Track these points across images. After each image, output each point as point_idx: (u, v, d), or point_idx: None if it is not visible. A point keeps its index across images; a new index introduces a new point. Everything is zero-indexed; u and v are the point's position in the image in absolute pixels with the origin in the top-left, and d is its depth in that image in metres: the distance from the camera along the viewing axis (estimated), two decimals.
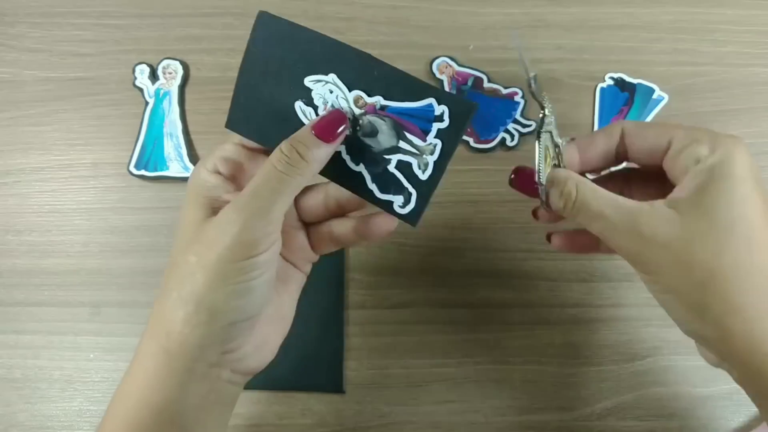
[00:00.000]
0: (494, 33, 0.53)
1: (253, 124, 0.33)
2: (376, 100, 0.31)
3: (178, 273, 0.30)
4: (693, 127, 0.32)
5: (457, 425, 0.46)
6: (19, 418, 0.46)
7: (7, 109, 0.52)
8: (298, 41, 0.32)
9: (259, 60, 0.33)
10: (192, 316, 0.29)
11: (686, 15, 0.54)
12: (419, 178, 0.31)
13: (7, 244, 0.49)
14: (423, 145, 0.31)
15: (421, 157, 0.31)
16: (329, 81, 0.31)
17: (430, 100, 0.30)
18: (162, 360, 0.29)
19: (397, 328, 0.47)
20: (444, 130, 0.30)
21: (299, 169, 0.29)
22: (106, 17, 0.53)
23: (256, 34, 0.33)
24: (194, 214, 0.31)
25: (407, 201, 0.31)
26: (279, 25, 0.32)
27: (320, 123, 0.30)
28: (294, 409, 0.46)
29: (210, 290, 0.29)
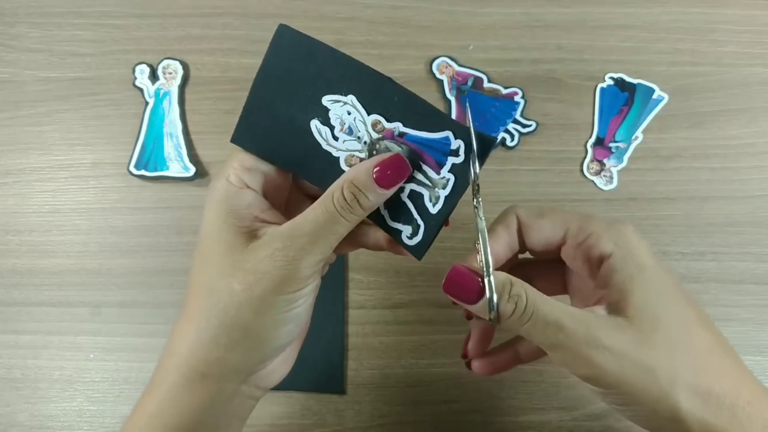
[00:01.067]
0: (494, 33, 0.53)
1: (262, 139, 0.32)
2: (395, 126, 0.30)
3: (219, 300, 0.29)
4: (584, 217, 0.32)
5: (457, 425, 0.46)
6: (19, 418, 0.46)
7: (7, 109, 0.52)
8: (318, 58, 0.31)
9: (275, 74, 0.31)
10: (237, 344, 0.29)
11: (686, 15, 0.54)
12: (429, 211, 0.31)
13: (7, 244, 0.49)
14: (436, 178, 0.30)
15: (433, 190, 0.31)
16: (348, 102, 0.31)
17: (448, 132, 0.30)
18: (196, 383, 0.29)
19: (397, 328, 0.47)
20: (458, 165, 0.30)
21: (356, 214, 0.29)
22: (106, 17, 0.53)
23: (274, 48, 0.31)
24: (231, 237, 0.29)
25: (415, 233, 0.31)
26: (299, 40, 0.31)
27: (382, 169, 0.29)
28: (294, 409, 0.46)
29: (257, 320, 0.29)
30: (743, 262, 0.49)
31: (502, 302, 0.28)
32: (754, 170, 0.51)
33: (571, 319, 0.28)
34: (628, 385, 0.28)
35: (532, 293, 0.29)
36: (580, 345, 0.28)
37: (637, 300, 0.29)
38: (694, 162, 0.51)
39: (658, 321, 0.29)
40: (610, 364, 0.28)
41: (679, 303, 0.30)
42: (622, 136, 0.51)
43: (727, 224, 0.49)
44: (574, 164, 0.51)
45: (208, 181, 0.50)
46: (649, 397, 0.28)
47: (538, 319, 0.28)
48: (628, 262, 0.30)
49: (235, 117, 0.51)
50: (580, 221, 0.32)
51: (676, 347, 0.28)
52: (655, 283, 0.29)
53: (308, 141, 0.31)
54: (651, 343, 0.28)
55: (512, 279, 0.29)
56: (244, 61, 0.52)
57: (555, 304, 0.29)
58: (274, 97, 0.31)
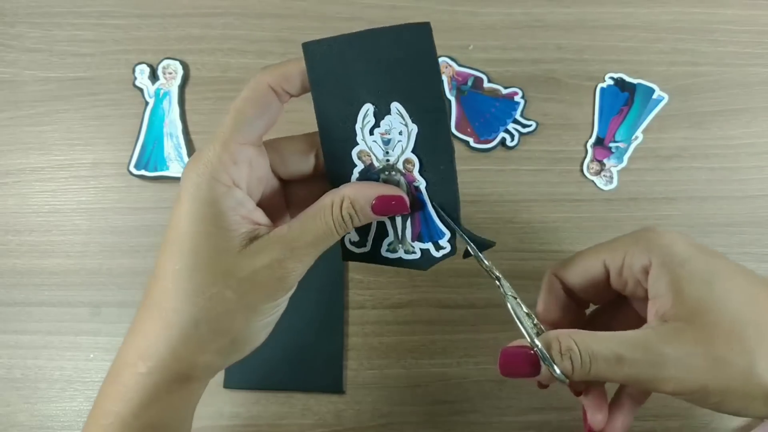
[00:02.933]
0: (494, 33, 0.53)
1: (321, 69, 0.30)
2: (420, 179, 0.31)
3: (210, 308, 0.28)
4: (612, 242, 0.32)
5: (457, 425, 0.46)
6: (19, 418, 0.46)
7: (7, 109, 0.52)
8: (426, 80, 0.29)
9: (384, 47, 0.29)
10: (226, 348, 0.30)
11: (686, 15, 0.54)
12: (381, 250, 0.33)
13: (7, 244, 0.49)
14: (408, 240, 0.32)
15: (398, 243, 0.32)
16: (406, 127, 0.30)
17: (448, 232, 0.31)
18: (178, 383, 0.29)
19: (397, 328, 0.47)
20: (430, 254, 0.32)
21: (347, 230, 0.30)
22: (106, 17, 0.53)
23: (404, 32, 0.29)
24: (222, 242, 0.28)
25: (359, 245, 0.33)
26: (429, 49, 0.29)
27: (383, 201, 0.29)
28: (294, 410, 0.46)
29: (247, 328, 0.29)
30: (743, 262, 0.48)
31: (558, 360, 0.28)
32: (754, 170, 0.51)
33: (629, 347, 0.28)
34: (709, 384, 0.27)
35: (582, 338, 0.28)
36: (646, 369, 0.28)
37: (687, 298, 0.28)
38: (694, 162, 0.51)
39: (715, 310, 0.28)
40: (683, 371, 0.27)
41: (736, 282, 0.29)
42: (622, 136, 0.51)
43: (727, 224, 0.49)
44: (574, 164, 0.51)
45: None
46: (735, 387, 0.27)
47: (599, 360, 0.28)
48: (667, 264, 0.29)
49: None
50: (609, 248, 0.32)
51: (744, 329, 0.28)
52: (703, 272, 0.29)
53: (350, 110, 0.31)
54: (714, 336, 0.27)
55: (558, 334, 0.29)
56: (244, 61, 0.52)
57: (609, 338, 0.28)
58: (362, 58, 0.30)
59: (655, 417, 0.46)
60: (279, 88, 0.30)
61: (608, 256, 0.32)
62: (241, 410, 0.46)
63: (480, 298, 0.48)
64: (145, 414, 0.29)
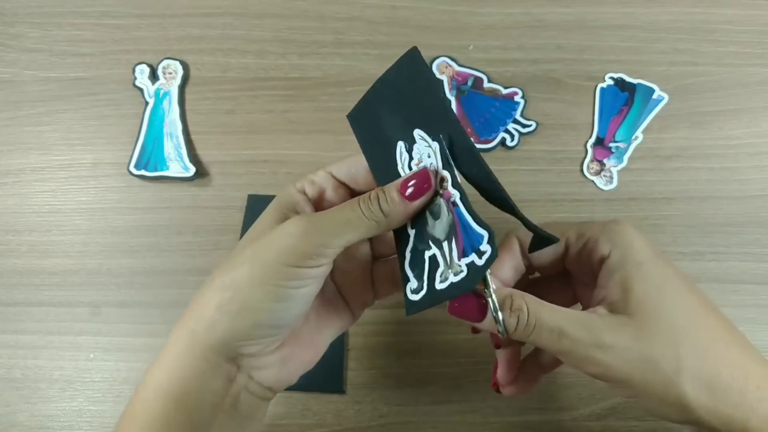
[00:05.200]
0: (494, 33, 0.53)
1: (363, 130, 0.34)
2: (454, 193, 0.31)
3: (229, 262, 0.31)
4: (581, 224, 0.33)
5: (457, 425, 0.46)
6: (18, 418, 0.46)
7: (7, 109, 0.52)
8: (429, 94, 0.32)
9: (393, 86, 0.33)
10: (225, 304, 0.29)
11: (686, 15, 0.54)
12: (434, 284, 0.31)
13: (7, 244, 0.49)
14: (455, 261, 0.31)
15: (447, 269, 0.31)
16: (431, 147, 0.31)
17: (485, 233, 0.30)
18: (186, 341, 0.30)
19: (397, 328, 0.47)
20: (475, 265, 0.30)
21: (374, 214, 0.30)
22: (106, 17, 0.53)
23: (401, 64, 0.33)
24: (269, 219, 0.32)
25: (417, 291, 0.32)
26: (422, 70, 0.32)
27: (407, 184, 0.31)
28: (294, 409, 0.46)
29: (250, 284, 0.29)
30: (743, 262, 0.49)
31: (506, 316, 0.30)
32: (754, 170, 0.51)
33: (574, 324, 0.29)
34: (634, 379, 0.29)
35: (534, 304, 0.30)
36: (584, 348, 0.29)
37: (636, 296, 0.30)
38: (694, 162, 0.51)
39: (658, 314, 0.29)
40: (615, 361, 0.29)
41: (681, 293, 0.30)
42: (622, 136, 0.51)
43: (727, 224, 0.49)
44: (574, 164, 0.51)
45: (208, 181, 0.50)
46: (655, 388, 0.29)
47: (543, 328, 0.29)
48: (625, 261, 0.31)
49: (235, 117, 0.52)
50: (577, 229, 0.33)
51: (680, 337, 0.29)
52: (654, 277, 0.30)
53: (390, 156, 0.33)
54: (653, 336, 0.29)
55: (513, 293, 0.30)
56: (244, 61, 0.52)
57: (557, 311, 0.30)
58: (383, 102, 0.33)
59: (655, 417, 0.46)
60: None
61: (572, 236, 0.33)
62: None
63: None
64: (164, 377, 0.30)
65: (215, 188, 0.50)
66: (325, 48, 0.53)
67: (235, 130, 0.51)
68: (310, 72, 0.52)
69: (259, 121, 0.51)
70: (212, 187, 0.50)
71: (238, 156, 0.51)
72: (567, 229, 0.34)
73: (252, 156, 0.51)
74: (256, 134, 0.51)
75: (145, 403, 0.30)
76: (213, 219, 0.50)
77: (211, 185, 0.50)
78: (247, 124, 0.51)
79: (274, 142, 0.51)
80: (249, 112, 0.52)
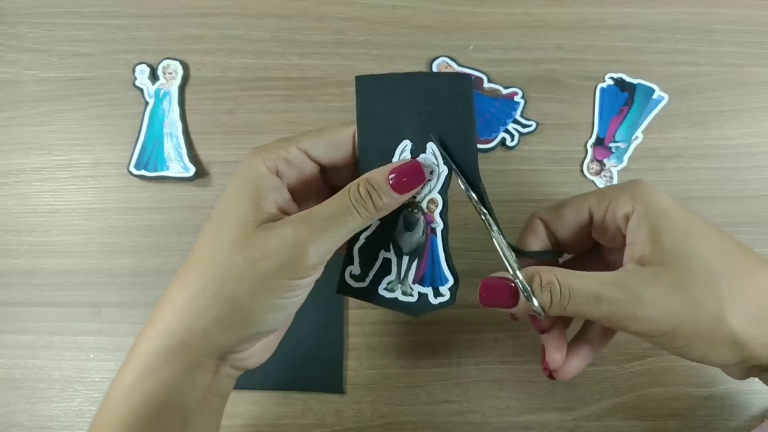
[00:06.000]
0: (494, 33, 0.53)
1: (370, 103, 0.33)
2: (438, 222, 0.32)
3: (219, 272, 0.29)
4: (600, 190, 0.34)
5: (457, 425, 0.46)
6: (19, 418, 0.46)
7: (7, 109, 0.52)
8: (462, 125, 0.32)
9: (429, 90, 0.32)
10: (225, 318, 0.29)
11: (686, 15, 0.54)
12: (378, 287, 0.33)
13: (7, 244, 0.49)
14: (409, 281, 0.32)
15: (397, 282, 0.32)
16: (438, 168, 0.32)
17: (452, 279, 0.32)
18: (176, 352, 0.29)
19: (397, 328, 0.47)
20: (427, 300, 0.32)
21: (368, 211, 0.30)
22: (105, 17, 0.53)
23: (453, 80, 0.32)
24: (247, 211, 0.30)
25: (357, 279, 0.33)
26: (469, 99, 0.32)
27: (398, 175, 0.30)
28: (294, 410, 0.46)
29: (252, 299, 0.29)
30: None
31: (538, 293, 0.29)
32: (755, 170, 0.51)
33: (608, 286, 0.29)
34: (680, 327, 0.28)
35: (563, 275, 0.29)
36: (624, 307, 0.28)
37: (665, 245, 0.29)
38: (695, 162, 0.51)
39: (691, 257, 0.29)
40: (658, 312, 0.28)
41: (711, 235, 0.30)
42: (622, 136, 0.51)
43: (727, 224, 0.49)
44: (574, 164, 0.51)
45: (208, 181, 0.50)
46: (703, 332, 0.28)
47: (577, 296, 0.29)
48: (649, 212, 0.30)
49: (235, 117, 0.52)
50: (596, 195, 0.33)
51: (717, 276, 0.28)
52: (681, 223, 0.30)
53: (390, 143, 0.32)
54: (690, 280, 0.28)
55: (539, 269, 0.30)
56: (244, 60, 0.52)
57: (588, 277, 0.29)
58: (407, 96, 0.32)
59: (655, 417, 0.46)
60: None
61: (594, 202, 0.33)
62: (241, 410, 0.46)
63: None
64: (145, 383, 0.29)
65: (215, 188, 0.50)
66: (325, 48, 0.53)
67: (235, 130, 0.51)
68: (310, 72, 0.52)
69: (259, 121, 0.51)
70: (212, 187, 0.50)
71: (238, 156, 0.51)
72: (586, 197, 0.33)
73: None
74: (256, 134, 0.51)
75: (135, 410, 0.29)
76: None
77: (211, 185, 0.50)
78: (247, 124, 0.51)
79: None
80: (249, 112, 0.52)
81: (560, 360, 0.34)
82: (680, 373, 0.46)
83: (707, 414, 0.46)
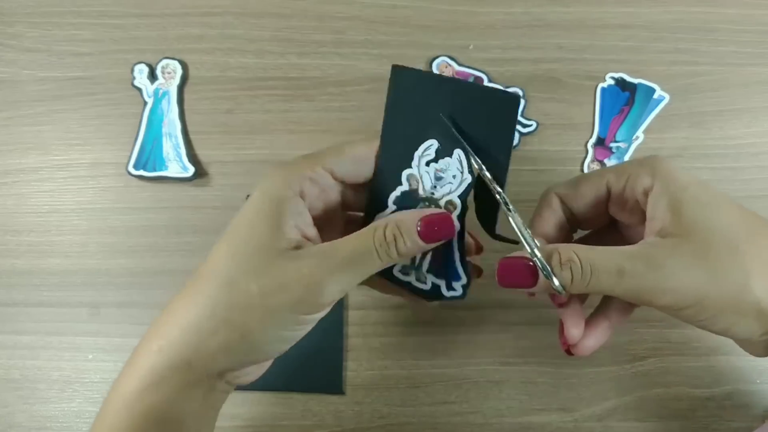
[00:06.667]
0: (494, 33, 0.53)
1: (404, 95, 0.32)
2: (456, 225, 0.31)
3: (229, 296, 0.28)
4: (617, 165, 0.33)
5: (457, 426, 0.46)
6: (17, 418, 0.46)
7: (6, 109, 0.52)
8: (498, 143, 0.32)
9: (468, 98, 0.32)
10: (231, 345, 0.29)
11: (686, 14, 0.53)
12: (393, 267, 0.33)
13: (6, 244, 0.49)
14: (424, 269, 0.33)
15: (412, 268, 0.33)
16: (462, 175, 0.32)
17: (465, 278, 0.32)
18: (179, 370, 0.29)
19: (397, 329, 0.47)
20: (440, 291, 0.33)
21: (390, 255, 0.29)
22: (104, 17, 0.53)
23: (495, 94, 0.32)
24: (267, 236, 0.29)
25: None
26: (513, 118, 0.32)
27: (428, 225, 0.29)
28: (294, 410, 0.46)
29: (261, 331, 0.28)
30: None
31: (558, 271, 0.28)
32: (755, 170, 0.50)
33: (630, 260, 0.28)
34: (705, 298, 0.28)
35: (583, 251, 0.28)
36: (648, 280, 0.28)
37: (687, 217, 0.29)
38: (695, 162, 0.51)
39: (712, 229, 0.28)
40: (682, 283, 0.28)
41: (731, 209, 0.29)
42: (622, 136, 0.51)
43: None
44: (574, 164, 0.51)
45: (207, 181, 0.50)
46: (728, 302, 0.28)
47: (600, 272, 0.28)
48: (670, 186, 0.30)
49: (235, 116, 0.52)
50: (614, 170, 0.32)
51: (740, 246, 0.28)
52: (703, 196, 0.29)
53: (415, 139, 0.32)
54: (713, 251, 0.28)
55: (558, 247, 0.29)
56: (243, 60, 0.52)
57: (609, 251, 0.28)
58: (444, 100, 0.32)
59: (656, 418, 0.46)
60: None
61: (612, 177, 0.32)
62: (241, 411, 0.46)
63: (480, 299, 0.47)
64: (146, 397, 0.29)
65: (214, 188, 0.50)
66: (324, 48, 0.52)
67: (235, 130, 0.51)
68: (310, 72, 0.52)
69: (258, 121, 0.51)
70: (211, 187, 0.50)
71: (237, 156, 0.51)
72: (604, 172, 0.33)
73: (251, 156, 0.51)
74: (256, 134, 0.51)
75: (138, 421, 0.29)
76: (212, 219, 0.49)
77: (210, 185, 0.50)
78: (247, 124, 0.51)
79: (274, 142, 0.51)
80: (248, 111, 0.51)
81: (578, 335, 0.33)
82: (681, 374, 0.46)
83: (708, 415, 0.46)
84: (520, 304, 0.47)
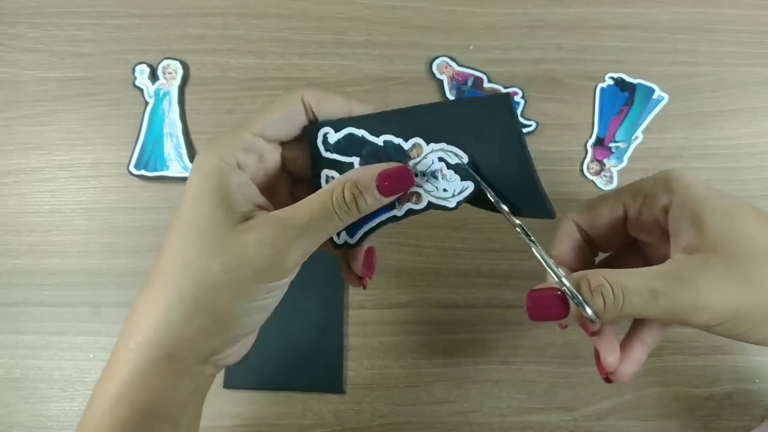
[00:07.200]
0: (494, 33, 0.53)
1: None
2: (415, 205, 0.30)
3: (195, 280, 0.28)
4: (633, 185, 0.32)
5: (457, 425, 0.46)
6: (18, 418, 0.46)
7: (7, 109, 0.52)
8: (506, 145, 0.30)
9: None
10: (208, 326, 0.28)
11: (686, 15, 0.54)
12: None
13: (7, 244, 0.49)
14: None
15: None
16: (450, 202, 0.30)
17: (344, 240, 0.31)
18: (163, 362, 0.29)
19: (397, 328, 0.47)
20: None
21: (351, 216, 0.29)
22: (105, 17, 0.53)
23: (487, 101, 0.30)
24: (218, 214, 0.28)
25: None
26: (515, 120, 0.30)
27: (388, 179, 0.29)
28: (294, 410, 0.46)
29: (233, 305, 0.28)
30: None
31: (589, 299, 0.27)
32: (755, 170, 0.50)
33: (662, 280, 0.27)
34: (741, 312, 0.27)
35: (612, 275, 0.28)
36: (682, 299, 0.27)
37: (711, 230, 0.28)
38: (695, 162, 0.51)
39: (739, 240, 0.28)
40: (717, 300, 0.27)
41: (755, 216, 0.29)
42: (622, 136, 0.51)
43: None
44: (574, 164, 0.51)
45: None
46: (764, 311, 0.27)
47: (633, 296, 0.27)
48: (689, 201, 0.29)
49: (235, 117, 0.52)
50: (630, 190, 0.32)
51: (766, 255, 0.27)
52: (723, 207, 0.29)
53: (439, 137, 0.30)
54: (742, 262, 0.27)
55: (586, 273, 0.28)
56: (244, 60, 0.52)
57: (638, 273, 0.28)
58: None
59: (655, 417, 0.46)
60: (310, 108, 0.31)
61: (628, 198, 0.32)
62: (241, 410, 0.46)
63: (480, 299, 0.48)
64: (133, 394, 0.28)
65: None
66: (324, 48, 0.53)
67: None
68: (310, 72, 0.52)
69: None
70: None
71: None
72: (619, 194, 0.32)
73: None
74: None
75: (125, 417, 0.28)
76: None
77: None
78: None
79: None
80: (249, 112, 0.51)
81: (615, 362, 0.32)
82: (680, 374, 0.46)
83: (707, 414, 0.46)
84: (520, 304, 0.47)
